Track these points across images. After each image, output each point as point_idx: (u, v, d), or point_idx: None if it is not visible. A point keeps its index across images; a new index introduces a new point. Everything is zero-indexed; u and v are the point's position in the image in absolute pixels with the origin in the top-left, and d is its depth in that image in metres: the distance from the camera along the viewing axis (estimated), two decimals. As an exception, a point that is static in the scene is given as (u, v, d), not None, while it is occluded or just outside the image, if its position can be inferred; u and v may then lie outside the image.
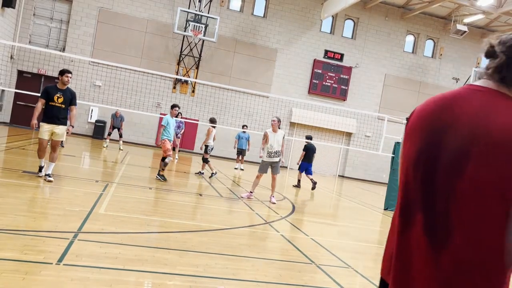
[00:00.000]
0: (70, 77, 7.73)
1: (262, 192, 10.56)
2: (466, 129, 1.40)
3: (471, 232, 1.37)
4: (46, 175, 7.54)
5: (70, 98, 7.71)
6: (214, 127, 12.33)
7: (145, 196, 7.82)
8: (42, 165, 7.79)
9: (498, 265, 1.36)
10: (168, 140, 10.06)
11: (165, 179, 9.85)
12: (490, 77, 1.48)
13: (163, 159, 9.95)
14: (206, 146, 12.33)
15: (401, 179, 1.60)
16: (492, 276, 1.37)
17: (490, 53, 1.50)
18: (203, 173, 12.50)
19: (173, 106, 10.29)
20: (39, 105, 7.64)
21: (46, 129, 7.53)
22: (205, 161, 12.28)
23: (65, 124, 7.75)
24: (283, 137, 9.30)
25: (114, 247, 4.40)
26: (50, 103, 7.55)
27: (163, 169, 9.99)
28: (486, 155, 1.35)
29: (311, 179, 13.40)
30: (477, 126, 1.38)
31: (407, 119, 1.66)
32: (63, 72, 7.66)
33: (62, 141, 13.81)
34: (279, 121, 9.28)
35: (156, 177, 9.92)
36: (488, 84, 1.48)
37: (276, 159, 9.31)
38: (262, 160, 9.50)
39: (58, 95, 7.59)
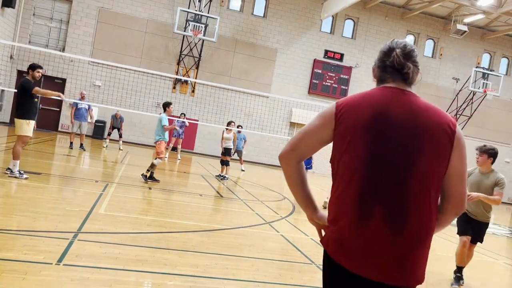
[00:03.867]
0: (41, 73, 7.49)
1: (262, 192, 10.56)
2: (409, 128, 1.70)
3: (421, 214, 1.69)
4: (20, 172, 7.28)
5: None
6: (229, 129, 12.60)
7: (145, 196, 7.82)
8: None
9: (432, 233, 1.75)
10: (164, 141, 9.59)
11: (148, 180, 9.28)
12: (395, 79, 1.88)
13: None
14: (227, 149, 12.33)
15: (353, 174, 1.73)
16: (428, 242, 1.74)
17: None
18: (227, 178, 12.25)
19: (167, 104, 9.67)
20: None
21: (32, 125, 7.43)
22: (227, 163, 12.24)
23: None
24: None
25: (114, 247, 4.40)
26: (36, 99, 7.41)
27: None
28: (430, 149, 1.69)
29: None
30: (415, 126, 1.70)
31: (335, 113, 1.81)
32: (34, 67, 7.39)
33: (71, 143, 14.05)
34: None
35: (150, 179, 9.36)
36: (397, 85, 1.84)
37: None
38: None
39: None
